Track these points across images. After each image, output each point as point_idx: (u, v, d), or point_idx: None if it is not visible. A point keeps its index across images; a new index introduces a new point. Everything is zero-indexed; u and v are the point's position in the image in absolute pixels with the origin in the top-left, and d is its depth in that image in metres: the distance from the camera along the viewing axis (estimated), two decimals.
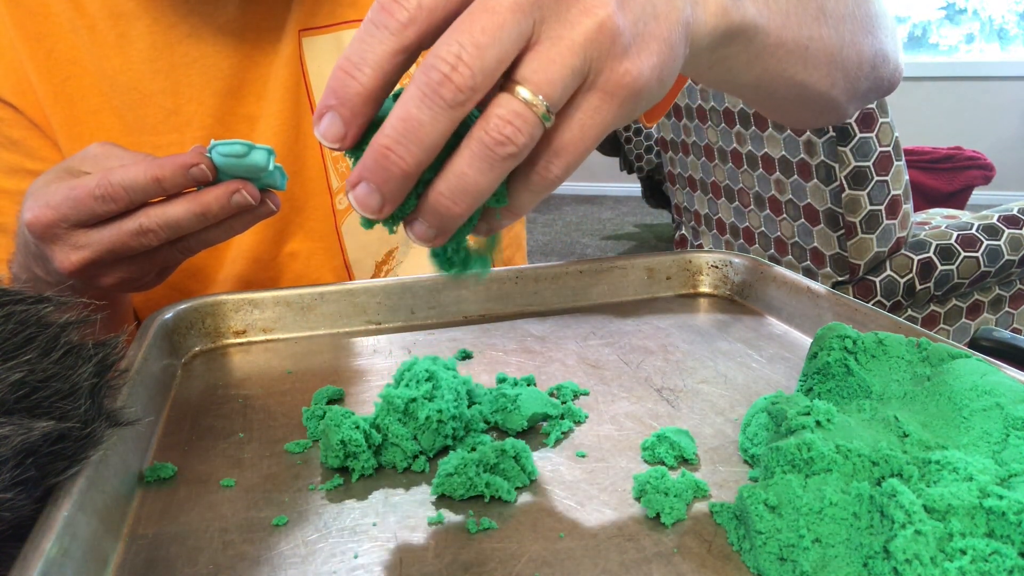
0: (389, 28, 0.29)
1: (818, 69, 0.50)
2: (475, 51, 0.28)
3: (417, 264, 0.74)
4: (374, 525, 0.36)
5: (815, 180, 1.64)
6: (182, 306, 0.57)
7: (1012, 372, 0.42)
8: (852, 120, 1.52)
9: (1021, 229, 1.69)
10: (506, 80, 0.30)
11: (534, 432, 0.44)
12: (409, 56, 0.30)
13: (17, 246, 0.55)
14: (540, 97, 0.29)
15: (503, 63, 0.29)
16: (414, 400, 0.41)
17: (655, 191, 3.43)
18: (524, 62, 0.30)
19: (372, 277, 0.72)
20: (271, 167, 0.48)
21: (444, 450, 0.42)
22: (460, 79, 0.28)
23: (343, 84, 0.30)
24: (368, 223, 0.33)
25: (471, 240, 0.36)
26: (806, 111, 0.58)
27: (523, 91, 0.29)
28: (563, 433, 0.44)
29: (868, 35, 0.55)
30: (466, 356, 0.55)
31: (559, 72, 0.29)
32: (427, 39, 0.30)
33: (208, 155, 0.47)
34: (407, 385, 0.44)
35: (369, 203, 0.30)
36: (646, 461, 0.41)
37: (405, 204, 0.32)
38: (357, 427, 0.40)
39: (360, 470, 0.40)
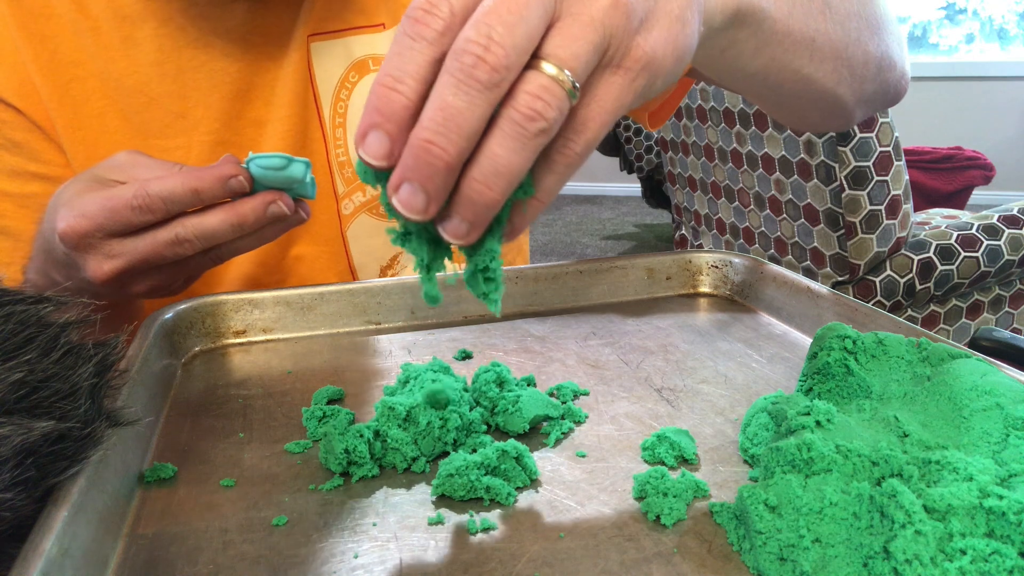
0: (426, 38, 0.29)
1: (824, 64, 0.51)
2: (505, 30, 0.28)
3: None
4: (374, 525, 0.36)
5: (815, 180, 1.64)
6: (182, 306, 0.57)
7: (1012, 372, 0.42)
8: None
9: (1021, 229, 1.69)
10: (529, 59, 0.30)
11: (534, 432, 0.44)
12: None
13: (35, 251, 0.55)
14: (566, 72, 0.29)
15: (532, 40, 0.29)
16: (416, 406, 0.41)
17: (655, 191, 3.43)
18: (547, 39, 0.30)
19: None
20: (308, 179, 0.49)
21: (444, 452, 0.42)
22: (494, 59, 0.28)
23: (387, 100, 0.29)
24: (416, 252, 0.33)
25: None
26: (813, 110, 0.58)
27: (548, 66, 0.29)
28: (563, 433, 0.44)
29: (874, 36, 0.56)
30: (466, 356, 0.55)
31: (582, 47, 0.30)
32: None
33: (245, 166, 0.48)
34: (411, 390, 0.44)
35: (414, 203, 0.29)
36: (646, 461, 0.41)
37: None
38: (361, 435, 0.40)
39: (361, 475, 0.40)
